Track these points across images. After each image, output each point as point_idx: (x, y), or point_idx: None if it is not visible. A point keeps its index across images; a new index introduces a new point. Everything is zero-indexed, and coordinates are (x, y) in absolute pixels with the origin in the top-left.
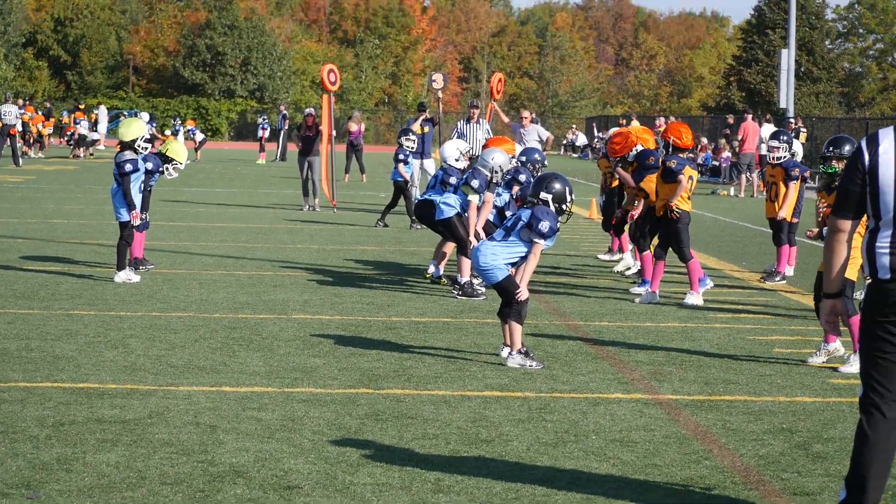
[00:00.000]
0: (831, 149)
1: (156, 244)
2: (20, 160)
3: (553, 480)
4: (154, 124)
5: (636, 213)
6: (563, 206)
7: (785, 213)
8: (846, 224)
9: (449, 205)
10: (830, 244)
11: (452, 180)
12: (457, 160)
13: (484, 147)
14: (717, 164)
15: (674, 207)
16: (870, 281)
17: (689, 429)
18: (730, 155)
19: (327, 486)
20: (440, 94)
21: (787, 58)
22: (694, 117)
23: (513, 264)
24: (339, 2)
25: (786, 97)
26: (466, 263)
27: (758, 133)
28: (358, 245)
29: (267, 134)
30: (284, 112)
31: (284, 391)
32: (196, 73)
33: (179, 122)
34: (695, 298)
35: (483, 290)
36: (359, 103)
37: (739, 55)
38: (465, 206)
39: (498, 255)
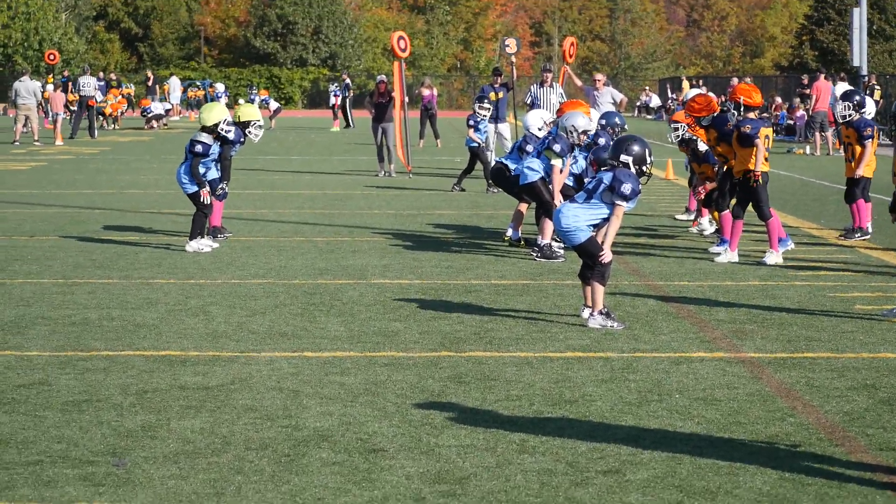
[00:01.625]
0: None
1: (232, 212)
2: (95, 132)
3: (638, 440)
4: (227, 94)
5: (708, 187)
6: (644, 168)
7: (861, 171)
8: None
9: (533, 169)
10: None
11: (529, 148)
12: (539, 129)
13: (559, 111)
14: (791, 122)
15: (755, 174)
16: None
17: (773, 386)
18: (804, 114)
19: (412, 449)
20: (513, 59)
21: (860, 16)
22: (767, 77)
23: (595, 226)
24: None
25: (859, 55)
26: (549, 226)
27: (830, 91)
28: (435, 210)
29: (339, 101)
30: (348, 81)
31: (366, 355)
32: (268, 43)
33: (255, 91)
34: (774, 257)
35: (562, 251)
36: (431, 69)
37: (811, 14)
38: (547, 170)
39: (580, 217)
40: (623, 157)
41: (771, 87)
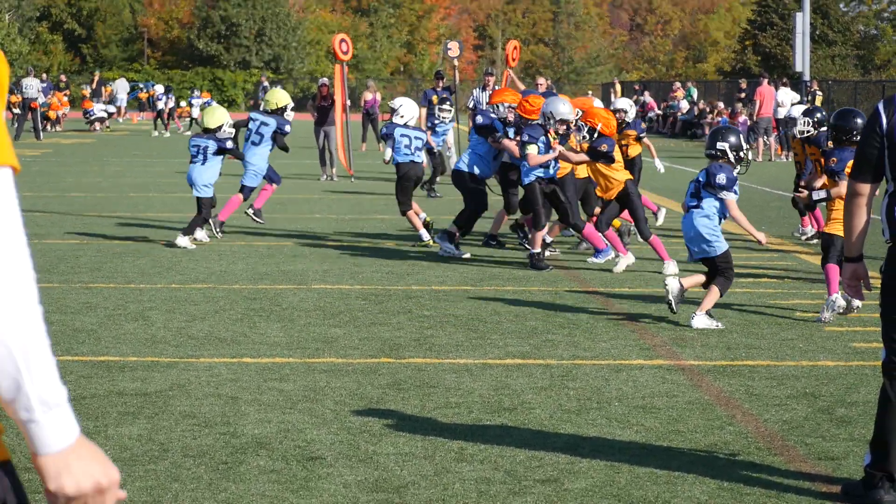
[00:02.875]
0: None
1: (174, 216)
2: (41, 134)
3: (576, 448)
4: (171, 96)
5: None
6: (741, 155)
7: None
8: (865, 188)
9: (532, 170)
10: (850, 208)
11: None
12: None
13: (490, 99)
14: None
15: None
16: (890, 244)
17: (712, 394)
18: (746, 119)
19: (350, 457)
20: (456, 63)
21: (802, 21)
22: (710, 82)
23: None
24: None
25: (801, 60)
26: (538, 235)
27: (774, 97)
28: (376, 214)
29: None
30: (265, 84)
31: (305, 361)
32: (211, 45)
33: (197, 94)
34: (602, 256)
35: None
36: (374, 72)
37: (754, 19)
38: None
39: (715, 226)
40: (719, 146)
41: (713, 93)
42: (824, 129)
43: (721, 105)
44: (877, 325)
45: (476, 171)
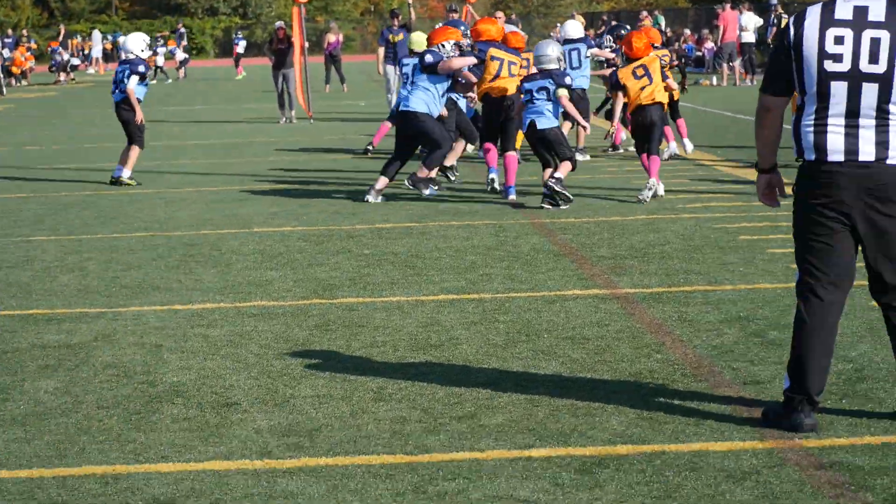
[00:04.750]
0: None
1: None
2: (4, 89)
3: (498, 383)
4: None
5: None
6: None
7: None
8: (775, 100)
9: (551, 112)
10: (760, 121)
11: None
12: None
13: (429, 39)
14: (700, 54)
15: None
16: (800, 162)
17: (644, 322)
18: (713, 45)
19: (266, 401)
20: (410, 1)
21: None
22: (680, 9)
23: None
24: None
25: None
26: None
27: (738, 21)
28: (331, 156)
29: (241, 49)
30: (182, 31)
31: (236, 306)
32: None
33: (162, 42)
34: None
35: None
36: (344, 13)
37: None
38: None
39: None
40: None
41: (683, 20)
42: None
43: (688, 32)
44: None
45: (430, 109)
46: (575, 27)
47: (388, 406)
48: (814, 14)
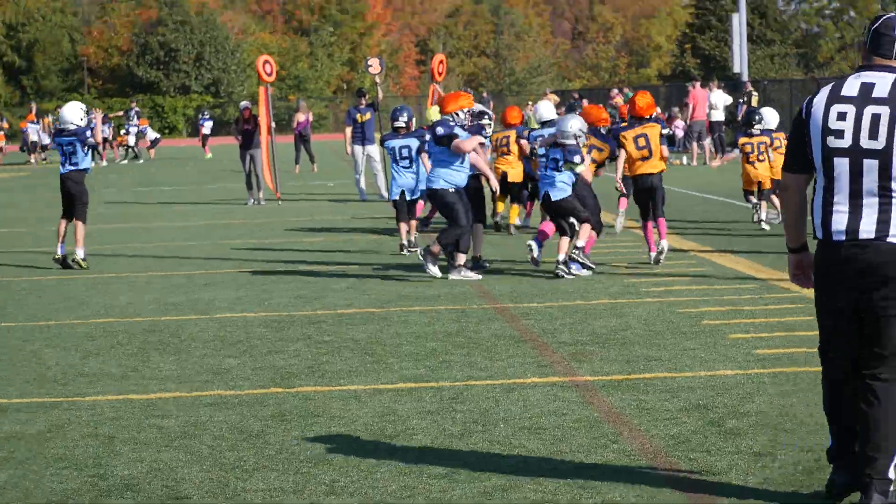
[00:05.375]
0: None
1: (93, 248)
2: None
3: (452, 475)
4: (109, 125)
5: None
6: None
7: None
8: (796, 178)
9: (564, 182)
10: (781, 199)
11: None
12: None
13: (440, 105)
14: (670, 132)
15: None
16: (816, 239)
17: (602, 411)
18: (682, 123)
19: (217, 495)
20: (378, 79)
21: (739, 22)
22: (655, 86)
23: None
24: None
25: (739, 61)
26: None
27: (707, 100)
28: (301, 238)
29: (206, 130)
30: (137, 110)
31: (192, 395)
32: (150, 71)
33: (134, 120)
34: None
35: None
36: (316, 92)
37: (692, 22)
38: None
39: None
40: None
41: (654, 97)
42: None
43: (659, 110)
44: (782, 329)
45: (449, 183)
46: (547, 108)
47: (340, 500)
48: (825, 90)
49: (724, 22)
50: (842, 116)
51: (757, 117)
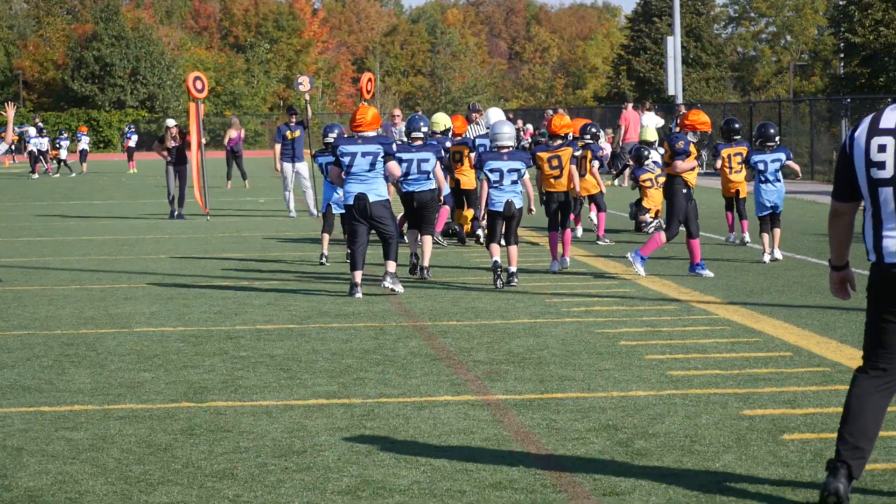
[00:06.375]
0: None
1: (17, 260)
2: None
3: (356, 492)
4: (44, 137)
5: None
6: None
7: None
8: (843, 206)
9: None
10: (830, 222)
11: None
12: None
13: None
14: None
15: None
16: (870, 261)
17: (512, 430)
18: (608, 146)
19: None
20: (307, 97)
21: (674, 45)
22: (590, 108)
23: None
24: (229, 8)
25: (674, 84)
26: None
27: (639, 122)
28: (223, 252)
29: (132, 143)
30: (40, 125)
31: (104, 408)
32: (85, 86)
33: (65, 135)
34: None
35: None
36: (252, 108)
37: (628, 44)
38: None
39: None
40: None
41: (590, 118)
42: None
43: (593, 130)
44: (697, 351)
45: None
46: (496, 115)
47: None
48: (864, 123)
49: (658, 44)
50: (882, 149)
51: (646, 153)
